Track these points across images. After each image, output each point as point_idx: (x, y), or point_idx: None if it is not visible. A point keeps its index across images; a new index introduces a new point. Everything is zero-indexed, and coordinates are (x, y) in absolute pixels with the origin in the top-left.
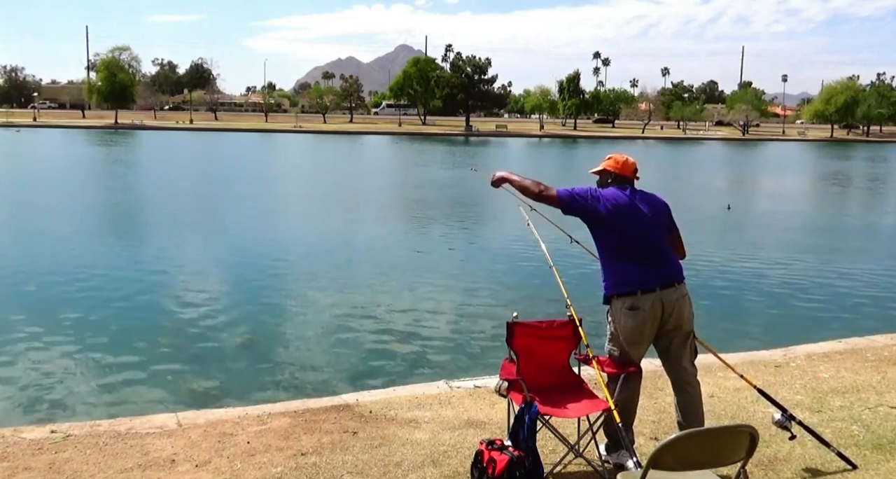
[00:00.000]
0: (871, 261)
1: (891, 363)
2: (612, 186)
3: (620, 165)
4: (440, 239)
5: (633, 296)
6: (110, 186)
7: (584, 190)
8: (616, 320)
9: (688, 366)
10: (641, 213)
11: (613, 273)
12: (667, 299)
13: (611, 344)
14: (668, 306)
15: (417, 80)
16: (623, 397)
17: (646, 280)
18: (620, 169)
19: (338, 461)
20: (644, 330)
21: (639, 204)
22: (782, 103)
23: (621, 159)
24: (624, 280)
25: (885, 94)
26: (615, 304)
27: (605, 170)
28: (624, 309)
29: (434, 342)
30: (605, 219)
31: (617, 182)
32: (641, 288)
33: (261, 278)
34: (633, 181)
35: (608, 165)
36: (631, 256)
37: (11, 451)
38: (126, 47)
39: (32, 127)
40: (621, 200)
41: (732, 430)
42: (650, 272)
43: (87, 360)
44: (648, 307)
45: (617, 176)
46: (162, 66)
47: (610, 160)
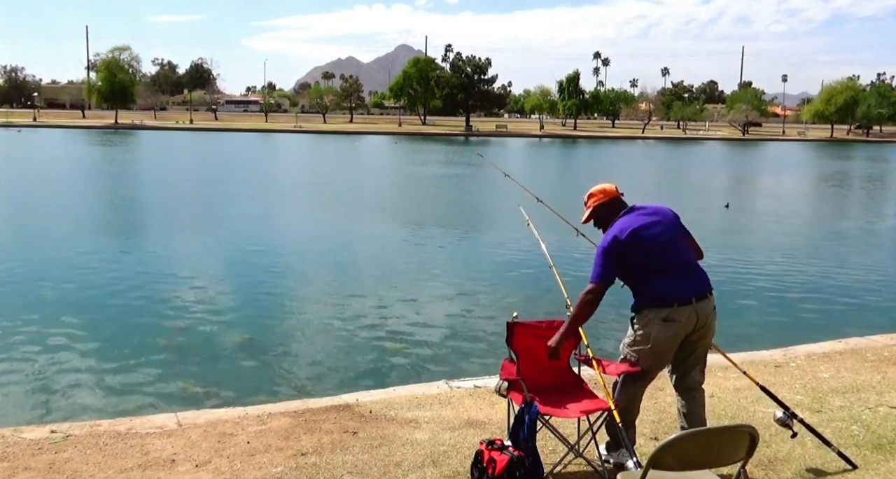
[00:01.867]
0: (872, 261)
1: (891, 363)
2: (615, 218)
3: (603, 192)
4: (440, 239)
5: (669, 308)
6: (110, 187)
7: (605, 258)
8: (646, 327)
9: (697, 375)
10: (660, 228)
11: (650, 291)
12: (701, 311)
13: (631, 348)
14: (701, 317)
15: (417, 80)
16: (628, 396)
17: (683, 293)
18: (605, 196)
19: (338, 461)
20: (676, 341)
21: (653, 220)
22: (782, 103)
23: (597, 190)
24: (661, 295)
25: (886, 94)
26: (647, 312)
27: (595, 208)
28: (658, 320)
29: (434, 342)
30: (636, 251)
31: (611, 210)
32: (678, 301)
33: (261, 278)
34: (622, 200)
35: (595, 200)
36: (664, 272)
37: (11, 451)
38: (126, 47)
39: (32, 127)
40: (636, 226)
41: (732, 430)
42: (686, 284)
43: (87, 360)
44: (684, 319)
45: (609, 203)
46: (162, 66)
47: (592, 198)
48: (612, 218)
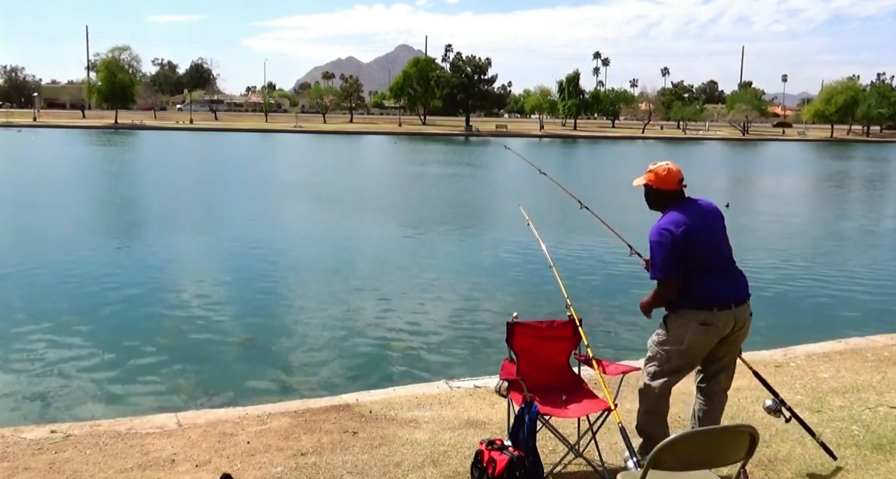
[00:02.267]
0: (872, 261)
1: (891, 363)
2: (664, 207)
3: (661, 178)
4: (440, 239)
5: (708, 312)
6: (110, 187)
7: (663, 250)
8: (681, 328)
9: (723, 380)
10: (707, 227)
11: (691, 292)
12: (739, 317)
13: (661, 347)
14: (739, 322)
15: (417, 80)
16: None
17: (724, 297)
18: (661, 182)
19: (338, 461)
20: (709, 345)
21: (699, 220)
22: (782, 103)
23: (662, 172)
24: (702, 298)
25: (885, 94)
26: (683, 314)
27: (647, 185)
28: (695, 323)
29: (434, 342)
30: (687, 248)
31: (663, 198)
32: (719, 305)
33: (261, 278)
34: (681, 193)
35: (649, 179)
36: (708, 273)
37: (11, 451)
38: (126, 47)
39: (32, 127)
40: (686, 224)
41: (732, 430)
42: (727, 288)
43: (87, 360)
44: (721, 324)
45: (660, 192)
46: (162, 67)
47: (650, 173)
48: (663, 205)
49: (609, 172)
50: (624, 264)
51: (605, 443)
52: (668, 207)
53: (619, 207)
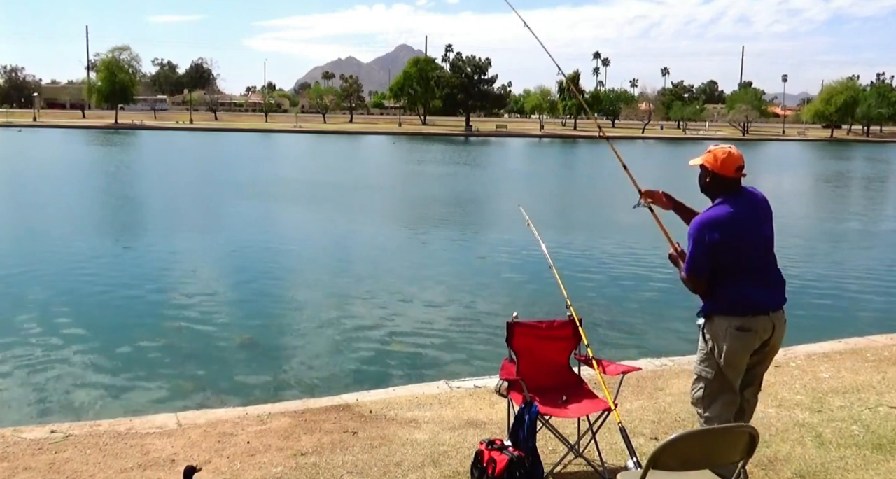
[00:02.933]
0: (871, 261)
1: (891, 363)
2: (716, 194)
3: (720, 162)
4: (440, 239)
5: (743, 317)
6: (110, 187)
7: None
8: (717, 338)
9: (750, 395)
10: (756, 227)
11: (725, 295)
12: (777, 322)
13: (704, 364)
14: (777, 328)
15: (417, 80)
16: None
17: (761, 302)
18: (720, 168)
19: (338, 461)
20: (749, 353)
21: (751, 216)
22: (782, 103)
23: (721, 155)
24: (736, 300)
25: (885, 94)
26: (718, 321)
27: (703, 166)
28: (731, 329)
29: (434, 342)
30: (728, 246)
31: (718, 185)
32: (754, 311)
33: (261, 278)
34: (738, 181)
35: (706, 160)
36: (746, 274)
37: (11, 451)
38: (126, 47)
39: (32, 127)
40: (733, 222)
41: (732, 430)
42: (766, 293)
43: (87, 360)
44: (760, 329)
45: (716, 176)
46: (162, 66)
47: (709, 155)
48: (716, 191)
49: (609, 172)
50: (624, 263)
51: (605, 443)
52: (720, 195)
53: (618, 207)
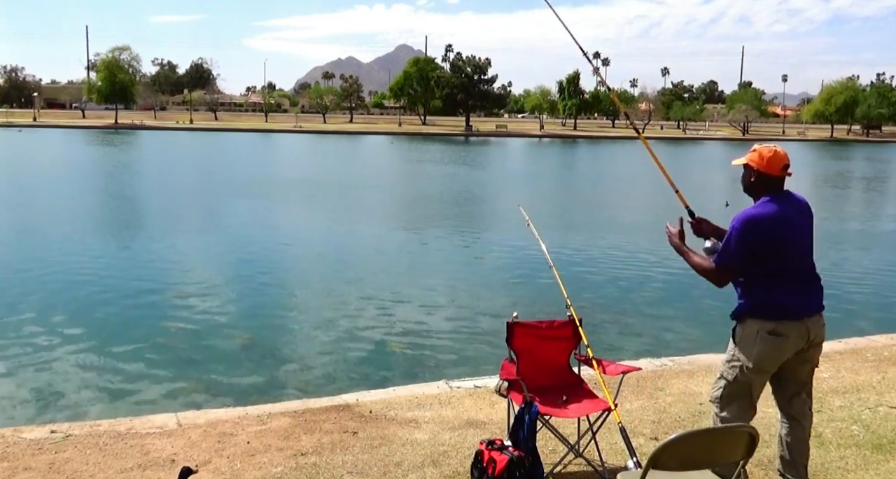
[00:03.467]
0: (871, 261)
1: (891, 363)
2: (761, 193)
3: (766, 161)
4: (440, 239)
5: (775, 321)
6: (110, 187)
7: (737, 241)
8: (748, 341)
9: (801, 403)
10: (799, 229)
11: (759, 297)
12: (813, 328)
13: (728, 365)
14: (812, 335)
15: (417, 80)
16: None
17: (795, 307)
18: (765, 167)
19: (338, 461)
20: (780, 359)
21: (795, 218)
22: (782, 103)
23: (766, 154)
24: (769, 303)
25: (885, 94)
26: (750, 324)
27: (748, 165)
28: (763, 333)
29: (434, 342)
30: (769, 246)
31: (763, 184)
32: (787, 316)
33: (261, 278)
34: (783, 181)
35: (751, 159)
36: (783, 277)
37: (11, 451)
38: (126, 47)
39: (32, 127)
40: (779, 220)
41: (732, 430)
42: (801, 298)
43: (87, 360)
44: (793, 335)
45: (762, 176)
46: (162, 67)
47: (754, 153)
48: (760, 191)
49: (609, 172)
50: (624, 263)
51: (605, 443)
52: (765, 195)
53: (618, 207)
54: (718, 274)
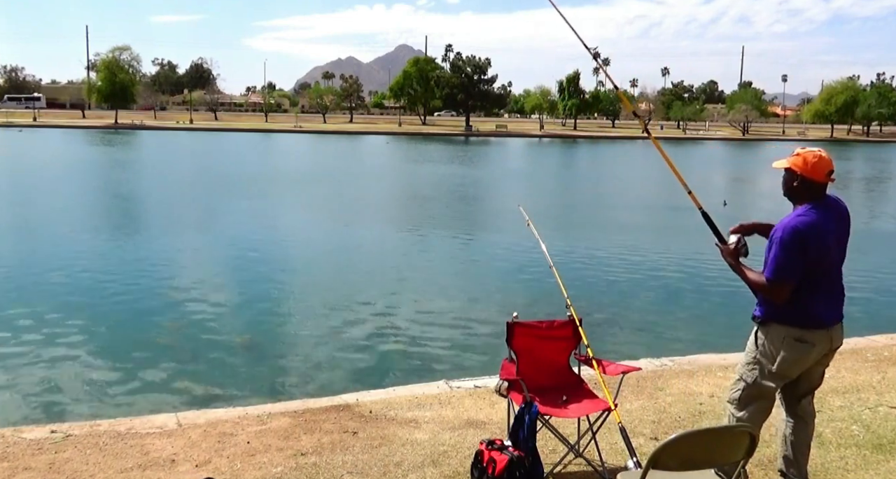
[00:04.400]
0: (871, 261)
1: (891, 363)
2: (803, 199)
3: (810, 166)
4: (440, 239)
5: (803, 329)
6: (110, 187)
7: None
8: (773, 345)
9: (807, 404)
10: (838, 239)
11: (788, 303)
12: (835, 336)
13: (748, 367)
14: (835, 342)
15: (417, 80)
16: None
17: (822, 316)
18: (810, 172)
19: (338, 461)
20: (804, 366)
21: (836, 228)
22: (782, 103)
23: (811, 159)
24: (798, 311)
25: (886, 94)
26: (776, 329)
27: (790, 169)
28: (790, 339)
29: (434, 342)
30: (809, 256)
31: (806, 189)
32: (815, 324)
33: (261, 278)
34: (826, 186)
35: (794, 163)
36: (815, 285)
37: (11, 451)
38: (126, 47)
39: (32, 127)
40: (823, 230)
41: (732, 430)
42: (829, 307)
43: (87, 360)
44: (818, 343)
45: (805, 180)
46: (162, 66)
47: (797, 158)
48: (803, 197)
49: (609, 171)
50: (625, 263)
51: (605, 443)
52: (807, 201)
53: (618, 207)
54: (774, 289)
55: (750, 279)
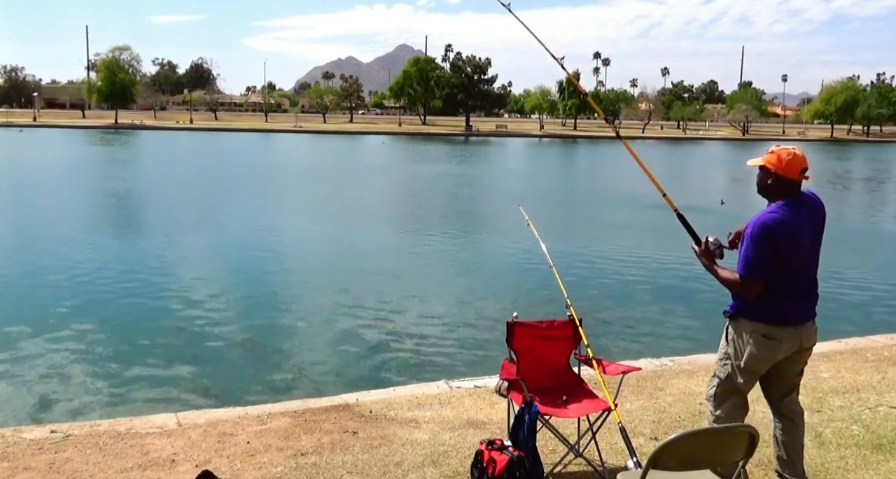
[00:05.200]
0: (871, 261)
1: (891, 363)
2: (777, 196)
3: (784, 164)
4: (440, 239)
5: (770, 325)
6: (110, 187)
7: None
8: (740, 340)
9: (791, 402)
10: (810, 236)
11: (756, 300)
12: (805, 335)
13: (720, 362)
14: (805, 341)
15: (417, 80)
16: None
17: (792, 314)
18: (784, 169)
19: (338, 461)
20: (771, 362)
21: (809, 224)
22: (782, 103)
23: (785, 156)
24: (766, 307)
25: (886, 94)
26: (745, 325)
27: (765, 167)
28: (756, 335)
29: (434, 342)
30: (782, 254)
31: (780, 187)
32: (782, 322)
33: (261, 278)
34: (800, 184)
35: (768, 160)
36: (785, 283)
37: (11, 451)
38: (126, 47)
39: (32, 127)
40: (794, 227)
41: (732, 430)
42: (799, 305)
43: (87, 360)
44: (786, 341)
45: (779, 178)
46: (162, 66)
47: (771, 155)
48: (776, 194)
49: (609, 171)
50: (625, 263)
51: (605, 443)
52: (781, 198)
53: (618, 207)
54: (746, 285)
55: (722, 277)
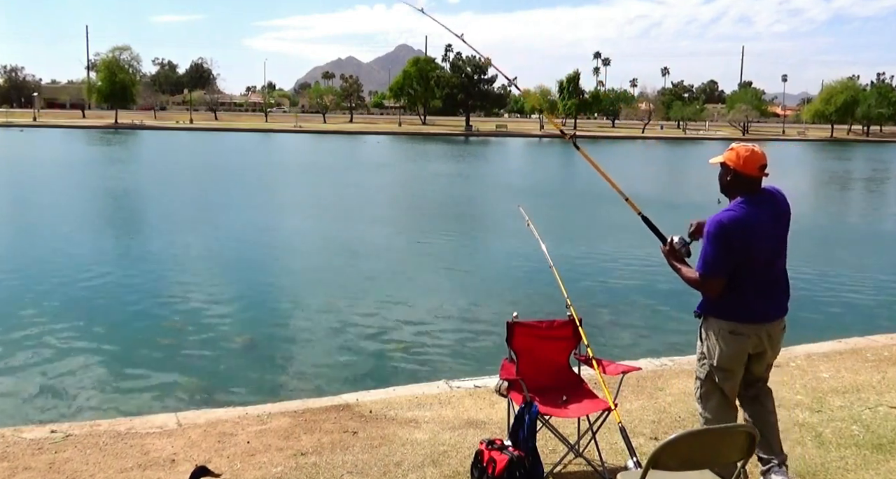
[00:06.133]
0: (871, 261)
1: (891, 363)
2: (737, 193)
3: (742, 161)
4: (439, 239)
5: (736, 322)
6: (110, 187)
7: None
8: (711, 339)
9: (759, 387)
10: (771, 232)
11: (722, 298)
12: (773, 332)
13: (699, 363)
14: (773, 338)
15: (417, 80)
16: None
17: (756, 311)
18: (742, 166)
19: (338, 461)
20: (743, 357)
21: (769, 220)
22: (782, 103)
23: (743, 153)
24: (732, 304)
25: (886, 94)
26: (714, 323)
27: (724, 164)
28: (724, 332)
29: (434, 342)
30: (739, 251)
31: (739, 184)
32: (747, 319)
33: (261, 278)
34: (760, 181)
35: (728, 157)
36: (751, 280)
37: (11, 451)
38: (126, 47)
39: (32, 127)
40: (752, 223)
41: (732, 430)
42: (764, 302)
43: (87, 360)
44: (752, 335)
45: (738, 175)
46: (162, 66)
47: (731, 152)
48: (736, 190)
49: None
50: (624, 263)
51: (605, 443)
52: (740, 194)
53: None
54: (706, 284)
55: (685, 276)
